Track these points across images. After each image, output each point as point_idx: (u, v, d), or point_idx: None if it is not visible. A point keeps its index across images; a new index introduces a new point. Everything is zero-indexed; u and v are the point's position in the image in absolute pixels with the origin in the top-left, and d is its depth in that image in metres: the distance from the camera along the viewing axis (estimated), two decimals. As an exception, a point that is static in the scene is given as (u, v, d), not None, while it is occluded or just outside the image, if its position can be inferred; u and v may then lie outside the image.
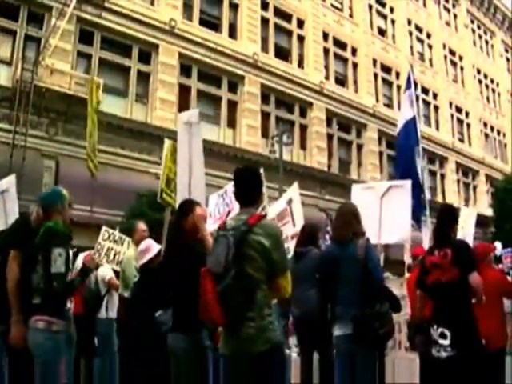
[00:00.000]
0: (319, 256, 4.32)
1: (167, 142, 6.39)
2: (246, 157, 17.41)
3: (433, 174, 25.98)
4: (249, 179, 2.94)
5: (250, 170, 3.05)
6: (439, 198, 24.77)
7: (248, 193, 2.91)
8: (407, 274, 6.33)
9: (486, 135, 30.25)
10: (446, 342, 3.47)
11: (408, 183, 6.16)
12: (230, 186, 5.21)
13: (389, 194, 5.98)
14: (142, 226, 5.42)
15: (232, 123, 18.32)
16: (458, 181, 27.29)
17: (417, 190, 7.00)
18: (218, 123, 18.02)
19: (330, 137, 21.27)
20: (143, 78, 16.47)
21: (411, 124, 7.82)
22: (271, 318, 2.70)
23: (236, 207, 3.21)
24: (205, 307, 2.62)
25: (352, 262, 3.56)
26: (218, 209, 6.03)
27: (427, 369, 3.70)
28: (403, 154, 8.02)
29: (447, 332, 3.48)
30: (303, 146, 20.33)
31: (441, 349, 3.49)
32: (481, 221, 24.72)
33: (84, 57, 15.36)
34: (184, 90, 17.10)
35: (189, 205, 3.60)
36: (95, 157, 8.97)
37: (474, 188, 28.42)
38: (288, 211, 6.12)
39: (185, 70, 17.32)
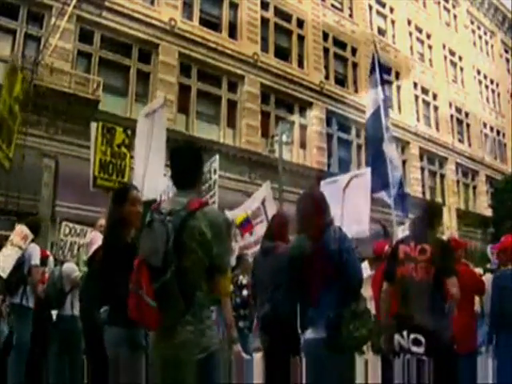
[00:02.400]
0: (287, 252, 3.72)
1: (94, 125, 6.04)
2: (245, 156, 17.42)
3: (433, 174, 26.00)
4: (186, 158, 2.54)
5: (187, 148, 2.67)
6: (439, 199, 24.78)
7: (185, 174, 2.51)
8: None
9: (486, 136, 30.25)
10: (421, 350, 3.07)
11: (368, 171, 5.93)
12: None
13: (351, 185, 5.75)
14: (101, 221, 5.14)
15: (232, 123, 18.30)
16: (458, 181, 27.28)
17: (384, 179, 6.46)
18: (217, 123, 18.01)
19: (329, 136, 21.27)
20: (143, 77, 16.45)
21: (378, 112, 7.25)
22: (210, 321, 2.37)
23: None
24: (137, 306, 2.26)
25: (324, 257, 3.06)
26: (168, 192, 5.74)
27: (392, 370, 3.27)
28: (372, 145, 7.47)
29: (422, 338, 3.08)
30: (303, 146, 20.32)
31: (413, 357, 3.09)
32: (480, 221, 24.89)
33: (84, 56, 15.36)
34: (184, 90, 17.08)
35: (123, 191, 3.35)
36: (7, 148, 8.52)
37: (474, 188, 28.42)
38: (261, 210, 6.06)
39: (185, 70, 17.30)
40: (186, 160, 2.55)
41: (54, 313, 5.71)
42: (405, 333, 3.18)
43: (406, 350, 3.15)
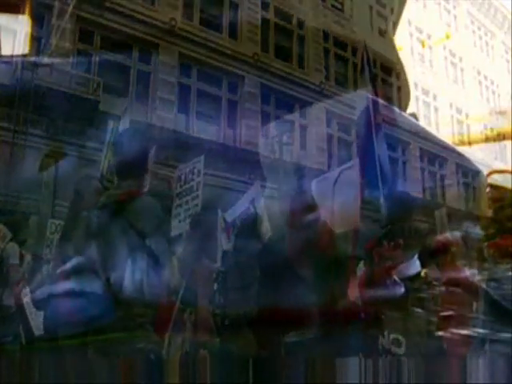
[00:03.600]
0: (264, 249, 3.66)
1: (111, 123, 5.91)
2: (246, 157, 17.39)
3: (433, 174, 25.98)
4: (127, 146, 2.29)
5: (129, 134, 2.45)
6: (439, 199, 24.75)
7: (125, 163, 2.27)
8: None
9: (486, 136, 30.22)
10: (401, 351, 2.92)
11: (356, 162, 5.81)
12: None
13: (340, 179, 5.69)
14: None
15: (232, 123, 18.29)
16: (458, 182, 27.26)
17: (374, 179, 6.14)
18: (217, 123, 18.00)
19: (329, 137, 21.25)
20: (143, 77, 16.45)
21: (368, 112, 6.79)
22: (143, 318, 2.24)
23: None
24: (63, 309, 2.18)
25: (311, 254, 2.99)
26: None
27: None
28: (362, 145, 7.05)
29: (401, 338, 2.95)
30: (303, 147, 20.31)
31: (393, 359, 2.86)
32: (481, 222, 24.87)
33: (84, 56, 15.35)
34: (184, 90, 17.08)
35: (84, 184, 3.13)
36: None
37: (474, 189, 28.39)
38: (251, 210, 6.03)
39: (185, 70, 17.30)
40: (126, 148, 2.30)
41: (41, 313, 5.65)
42: (385, 332, 3.03)
43: (386, 351, 3.01)
